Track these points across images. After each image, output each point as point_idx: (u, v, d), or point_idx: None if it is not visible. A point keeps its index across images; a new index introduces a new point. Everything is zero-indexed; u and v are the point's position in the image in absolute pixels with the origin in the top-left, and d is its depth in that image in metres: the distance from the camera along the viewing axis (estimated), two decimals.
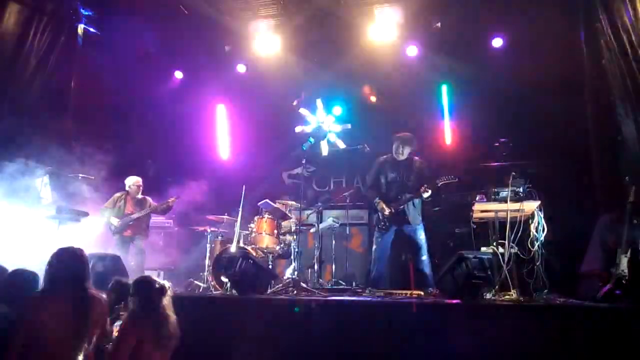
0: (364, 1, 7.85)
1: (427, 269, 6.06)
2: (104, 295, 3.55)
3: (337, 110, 8.51)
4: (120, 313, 3.72)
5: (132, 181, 7.47)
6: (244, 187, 7.04)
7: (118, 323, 3.62)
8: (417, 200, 6.19)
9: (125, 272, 5.77)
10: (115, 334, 3.50)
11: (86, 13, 8.25)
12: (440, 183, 5.99)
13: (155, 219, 7.79)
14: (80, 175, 6.99)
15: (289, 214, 7.28)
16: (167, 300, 3.41)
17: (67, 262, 3.32)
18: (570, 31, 7.15)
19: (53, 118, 7.92)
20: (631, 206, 5.10)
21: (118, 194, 7.45)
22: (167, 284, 3.47)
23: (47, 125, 7.74)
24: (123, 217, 7.23)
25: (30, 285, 3.53)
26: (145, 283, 3.46)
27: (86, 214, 7.01)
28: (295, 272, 6.38)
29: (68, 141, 8.07)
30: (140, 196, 7.46)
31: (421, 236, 6.19)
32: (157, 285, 3.41)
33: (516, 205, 5.30)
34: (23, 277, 3.58)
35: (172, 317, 3.41)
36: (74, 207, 7.02)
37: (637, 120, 5.75)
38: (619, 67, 6.03)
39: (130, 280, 3.71)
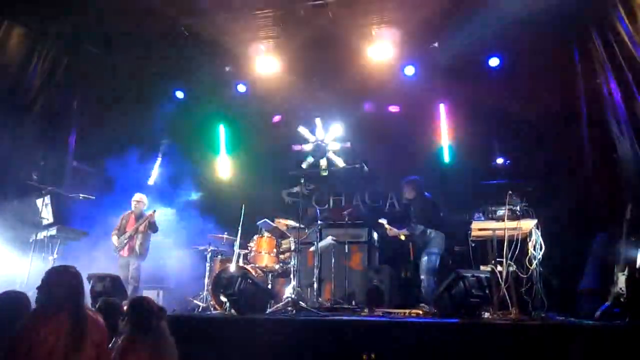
0: (362, 22, 7.94)
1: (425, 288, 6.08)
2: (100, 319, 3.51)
3: (336, 129, 8.60)
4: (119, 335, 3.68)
5: (133, 198, 7.52)
6: (243, 206, 7.08)
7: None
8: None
9: (125, 292, 5.81)
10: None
11: (89, 35, 8.37)
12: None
13: (155, 238, 7.77)
14: (81, 195, 7.00)
15: (288, 233, 7.29)
16: (164, 322, 3.41)
17: (64, 279, 3.29)
18: (565, 49, 7.23)
19: (55, 139, 8.00)
20: (628, 223, 5.12)
21: (125, 213, 7.48)
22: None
23: (48, 145, 7.83)
24: (121, 235, 7.29)
25: (21, 305, 3.50)
26: (141, 304, 3.46)
27: (86, 234, 7.06)
28: (295, 291, 6.38)
29: (69, 162, 8.15)
30: (140, 212, 7.43)
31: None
32: (153, 306, 3.42)
33: (513, 224, 5.33)
34: (12, 299, 3.51)
35: (170, 338, 3.41)
36: (75, 226, 7.09)
37: (632, 138, 5.79)
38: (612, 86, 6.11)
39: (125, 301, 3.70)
